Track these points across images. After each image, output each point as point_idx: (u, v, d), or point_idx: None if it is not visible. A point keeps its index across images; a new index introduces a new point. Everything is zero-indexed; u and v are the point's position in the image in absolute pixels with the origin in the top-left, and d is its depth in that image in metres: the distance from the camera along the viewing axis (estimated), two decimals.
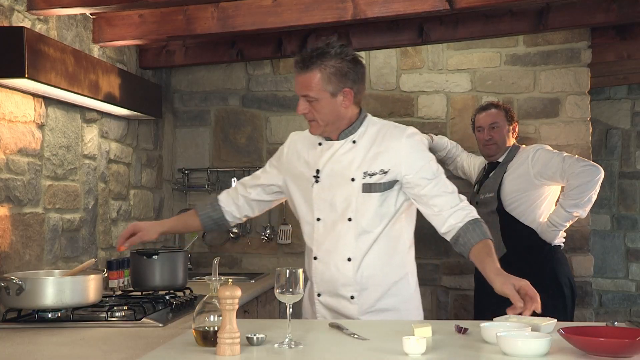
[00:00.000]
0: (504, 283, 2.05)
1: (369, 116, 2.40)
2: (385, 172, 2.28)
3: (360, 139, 2.33)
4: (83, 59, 2.88)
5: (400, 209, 2.33)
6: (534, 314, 1.99)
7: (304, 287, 1.85)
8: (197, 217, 2.59)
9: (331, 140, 2.35)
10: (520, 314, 1.98)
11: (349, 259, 2.29)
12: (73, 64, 2.77)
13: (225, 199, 2.58)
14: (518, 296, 2.00)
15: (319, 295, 2.36)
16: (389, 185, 2.29)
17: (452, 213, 2.26)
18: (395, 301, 2.35)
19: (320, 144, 2.37)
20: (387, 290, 2.33)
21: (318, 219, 2.34)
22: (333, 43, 2.26)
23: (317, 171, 2.34)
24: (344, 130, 2.33)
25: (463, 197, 2.32)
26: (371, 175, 2.28)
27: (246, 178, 2.61)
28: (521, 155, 3.55)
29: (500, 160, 3.64)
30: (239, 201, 2.56)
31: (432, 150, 3.98)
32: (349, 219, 2.29)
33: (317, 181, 2.34)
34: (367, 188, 2.28)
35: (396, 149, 2.29)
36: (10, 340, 2.04)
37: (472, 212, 2.27)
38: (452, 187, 2.32)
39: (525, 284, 2.03)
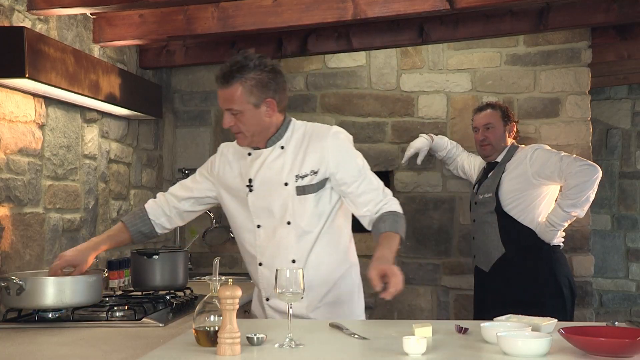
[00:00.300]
0: (371, 269, 2.09)
1: (294, 120, 2.44)
2: (316, 172, 2.32)
3: (288, 143, 2.37)
4: (83, 59, 2.88)
5: (336, 206, 2.38)
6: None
7: (303, 288, 1.85)
8: (127, 232, 2.56)
9: (259, 149, 2.38)
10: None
11: (293, 261, 2.33)
12: (73, 64, 2.77)
13: (154, 211, 2.56)
14: (376, 280, 2.06)
15: (267, 299, 2.41)
16: (321, 184, 2.33)
17: (378, 210, 2.33)
18: (340, 294, 2.40)
19: (249, 154, 2.40)
20: (333, 285, 2.38)
21: (258, 226, 2.37)
22: (251, 55, 2.28)
23: (250, 180, 2.37)
24: (270, 137, 2.36)
25: (388, 191, 2.38)
26: (303, 177, 2.32)
27: (176, 188, 2.59)
28: (519, 155, 3.55)
29: (498, 160, 3.64)
30: (172, 213, 2.56)
31: (432, 150, 3.99)
32: (288, 223, 2.33)
33: (251, 190, 2.37)
34: (301, 190, 2.32)
35: (323, 148, 2.32)
36: (10, 340, 2.04)
37: (392, 206, 2.34)
38: (377, 182, 2.37)
39: (386, 267, 2.08)
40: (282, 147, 2.36)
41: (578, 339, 1.66)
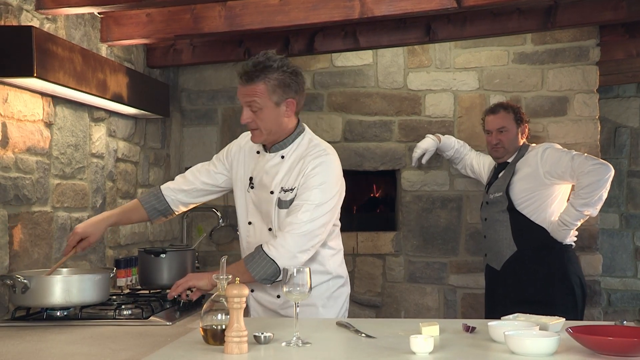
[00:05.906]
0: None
1: (306, 132, 2.46)
2: (292, 190, 2.36)
3: (289, 155, 2.42)
4: (91, 58, 2.88)
5: None
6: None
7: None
8: (142, 209, 2.63)
9: (267, 151, 2.45)
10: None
11: None
12: (81, 63, 2.78)
13: (169, 190, 2.64)
14: (173, 288, 2.38)
15: (252, 290, 2.50)
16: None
17: (272, 233, 2.38)
18: (314, 297, 2.38)
19: (258, 152, 2.48)
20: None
21: (250, 223, 2.47)
22: (274, 56, 2.33)
23: (251, 179, 2.46)
24: (274, 144, 2.41)
25: (309, 238, 2.30)
26: (285, 191, 2.37)
27: (194, 168, 2.67)
28: (530, 154, 3.53)
29: (509, 160, 3.62)
30: (188, 189, 2.63)
31: (439, 150, 3.98)
32: (270, 229, 2.41)
33: (252, 187, 2.46)
34: (280, 203, 2.38)
35: (305, 169, 2.35)
36: (19, 337, 2.05)
37: (271, 249, 2.29)
38: (307, 225, 2.29)
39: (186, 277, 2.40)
40: (282, 157, 2.42)
41: (586, 338, 1.65)
